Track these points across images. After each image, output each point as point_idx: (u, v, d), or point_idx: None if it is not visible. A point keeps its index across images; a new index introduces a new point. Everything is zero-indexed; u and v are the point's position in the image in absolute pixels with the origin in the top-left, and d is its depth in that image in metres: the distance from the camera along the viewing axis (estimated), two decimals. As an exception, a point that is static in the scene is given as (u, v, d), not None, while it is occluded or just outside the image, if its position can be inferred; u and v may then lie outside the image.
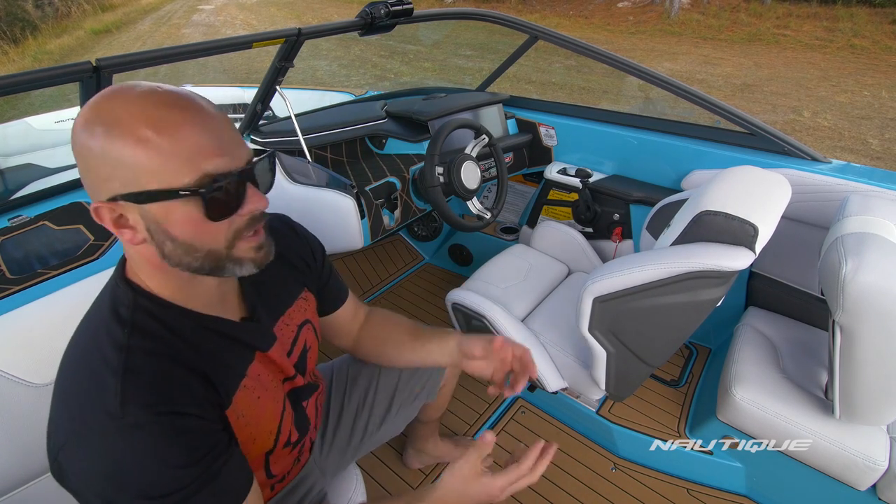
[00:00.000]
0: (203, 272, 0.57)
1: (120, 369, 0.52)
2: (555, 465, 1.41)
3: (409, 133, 1.71)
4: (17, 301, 0.86)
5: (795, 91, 6.25)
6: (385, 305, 2.09)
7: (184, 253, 0.54)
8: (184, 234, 0.53)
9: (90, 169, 0.51)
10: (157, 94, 0.51)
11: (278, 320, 0.75)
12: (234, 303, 0.68)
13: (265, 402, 0.68)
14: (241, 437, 0.64)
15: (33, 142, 2.60)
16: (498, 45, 8.95)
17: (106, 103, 0.51)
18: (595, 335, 1.09)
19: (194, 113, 0.52)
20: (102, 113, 0.50)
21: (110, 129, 0.49)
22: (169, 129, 0.50)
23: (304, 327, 0.80)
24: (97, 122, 0.50)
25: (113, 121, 0.49)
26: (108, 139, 0.49)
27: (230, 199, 0.54)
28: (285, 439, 0.73)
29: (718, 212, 0.94)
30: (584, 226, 1.82)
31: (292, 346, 0.77)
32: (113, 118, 0.50)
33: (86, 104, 0.51)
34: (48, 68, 0.89)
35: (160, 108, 0.50)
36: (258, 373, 0.67)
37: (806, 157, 1.40)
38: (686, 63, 7.78)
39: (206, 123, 0.52)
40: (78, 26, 13.10)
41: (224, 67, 8.40)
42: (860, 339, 0.90)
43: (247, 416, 0.64)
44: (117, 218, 0.53)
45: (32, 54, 10.10)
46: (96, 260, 0.97)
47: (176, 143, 0.50)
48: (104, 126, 0.49)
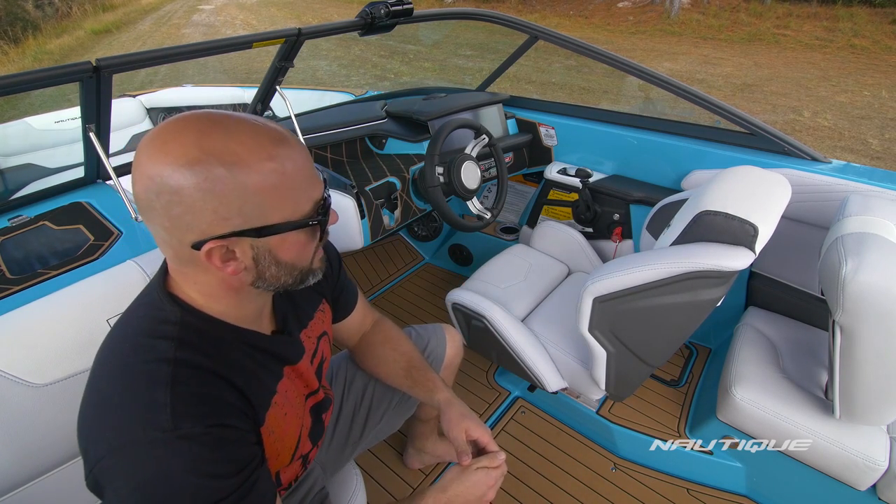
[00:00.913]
0: (288, 287, 0.61)
1: (169, 382, 0.52)
2: (555, 465, 1.41)
3: (409, 133, 1.71)
4: (17, 301, 0.86)
5: (795, 91, 6.25)
6: (385, 305, 2.09)
7: (286, 274, 0.58)
8: (291, 257, 0.57)
9: (197, 210, 0.50)
10: (263, 129, 0.53)
11: (302, 331, 0.76)
12: (267, 316, 0.70)
13: (291, 418, 0.69)
14: (269, 452, 0.64)
15: (33, 142, 2.60)
16: (498, 45, 8.95)
17: (214, 141, 0.50)
18: (595, 335, 1.09)
19: (294, 144, 0.55)
20: (215, 151, 0.49)
21: (233, 168, 0.50)
22: (286, 164, 0.52)
23: (321, 339, 0.82)
24: (212, 161, 0.49)
25: (234, 159, 0.50)
26: (231, 178, 0.49)
27: (329, 220, 0.59)
28: (301, 453, 0.74)
29: (718, 212, 0.94)
30: (584, 226, 1.82)
31: (313, 357, 0.78)
32: (232, 156, 0.50)
33: (175, 142, 0.49)
34: (48, 68, 0.89)
35: (274, 143, 0.52)
36: (286, 389, 0.68)
37: (806, 157, 1.40)
38: (686, 63, 7.78)
39: (303, 153, 0.55)
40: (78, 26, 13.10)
41: (224, 67, 8.40)
42: (860, 339, 0.90)
43: (276, 433, 0.65)
44: (225, 253, 0.53)
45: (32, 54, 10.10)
46: (96, 260, 0.97)
47: (294, 177, 0.53)
48: (225, 166, 0.49)
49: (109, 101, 1.06)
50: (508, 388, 1.65)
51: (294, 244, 0.56)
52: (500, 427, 1.52)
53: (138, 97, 3.00)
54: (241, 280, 0.57)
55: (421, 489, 0.73)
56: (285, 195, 0.53)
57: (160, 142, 0.50)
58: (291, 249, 0.57)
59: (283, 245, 0.55)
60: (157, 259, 0.95)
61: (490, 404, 1.60)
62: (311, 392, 0.76)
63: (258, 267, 0.56)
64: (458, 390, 1.63)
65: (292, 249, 0.57)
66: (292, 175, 0.53)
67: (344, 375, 1.05)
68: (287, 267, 0.58)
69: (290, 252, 0.57)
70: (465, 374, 1.70)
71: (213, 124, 0.51)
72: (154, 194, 0.50)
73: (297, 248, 0.57)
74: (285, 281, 0.59)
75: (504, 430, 1.51)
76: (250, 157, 0.50)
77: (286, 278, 0.59)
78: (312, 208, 0.56)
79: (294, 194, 0.54)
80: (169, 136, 0.50)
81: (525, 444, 1.47)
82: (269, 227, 0.53)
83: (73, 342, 0.85)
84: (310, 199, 0.56)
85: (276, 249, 0.55)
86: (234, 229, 0.52)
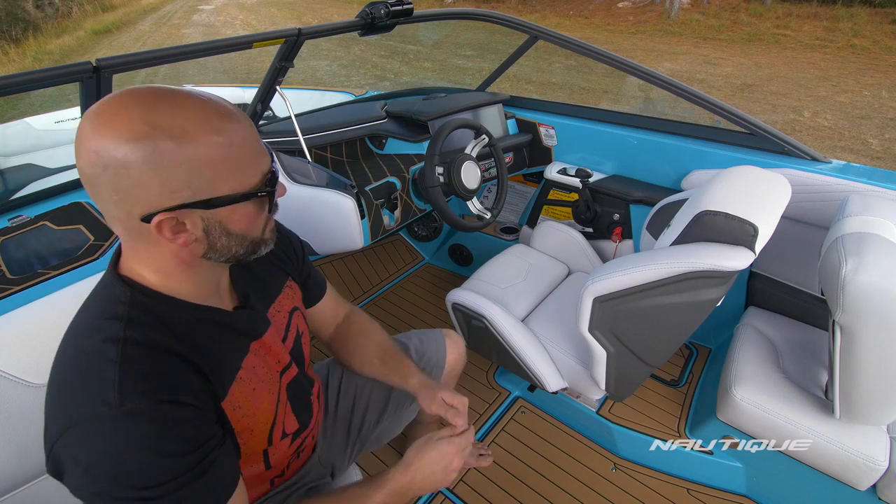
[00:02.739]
0: (240, 258, 0.62)
1: (117, 359, 0.53)
2: (555, 465, 1.41)
3: (409, 133, 1.71)
4: (17, 301, 0.86)
5: (795, 91, 6.25)
6: (385, 305, 2.09)
7: (237, 244, 0.59)
8: (241, 228, 0.58)
9: (144, 183, 0.50)
10: (209, 103, 0.54)
11: (270, 306, 0.76)
12: (227, 292, 0.70)
13: (261, 393, 0.69)
14: (239, 427, 0.64)
15: (33, 142, 2.60)
16: (498, 45, 8.95)
17: (160, 115, 0.50)
18: (595, 335, 1.09)
19: (240, 118, 0.56)
20: (162, 125, 0.50)
21: (181, 142, 0.50)
22: (233, 137, 0.54)
23: (294, 313, 0.82)
24: (159, 135, 0.49)
25: (181, 133, 0.50)
26: (179, 151, 0.50)
27: (277, 192, 0.61)
28: (281, 430, 0.74)
29: (718, 212, 0.93)
30: (584, 226, 1.82)
31: (286, 331, 0.78)
32: (179, 130, 0.50)
33: (121, 117, 0.49)
34: (48, 68, 0.89)
35: (220, 117, 0.53)
36: (253, 365, 0.68)
37: (806, 157, 1.40)
38: (686, 63, 7.78)
39: (249, 126, 0.57)
40: (78, 26, 13.10)
41: (224, 67, 8.40)
42: (860, 339, 0.90)
43: (244, 408, 0.65)
44: (175, 225, 0.54)
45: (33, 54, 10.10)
46: (96, 260, 0.97)
47: (241, 150, 0.55)
48: (172, 139, 0.50)
49: (109, 101, 1.06)
50: (508, 388, 1.65)
51: (244, 215, 0.58)
52: (500, 427, 1.52)
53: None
54: (193, 252, 0.57)
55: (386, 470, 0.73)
56: (233, 167, 0.54)
57: (106, 116, 0.50)
58: (241, 220, 0.58)
59: (232, 216, 0.57)
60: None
61: (490, 404, 1.60)
62: (283, 367, 0.76)
63: (209, 238, 0.56)
64: (458, 390, 1.64)
65: (242, 220, 0.58)
66: (239, 147, 0.54)
67: (339, 378, 1.05)
68: (237, 237, 0.59)
69: (239, 223, 0.58)
70: (465, 374, 1.70)
71: (158, 98, 0.51)
72: (100, 168, 0.50)
73: (247, 219, 0.58)
74: (237, 251, 0.60)
75: (504, 430, 1.51)
76: (197, 131, 0.51)
77: (237, 248, 0.60)
78: (261, 180, 0.57)
79: (242, 166, 0.55)
80: (115, 110, 0.50)
81: (525, 444, 1.47)
82: (217, 198, 0.54)
83: (73, 342, 0.85)
84: (258, 171, 0.57)
85: (226, 221, 0.56)
86: (183, 201, 0.52)
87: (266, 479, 0.77)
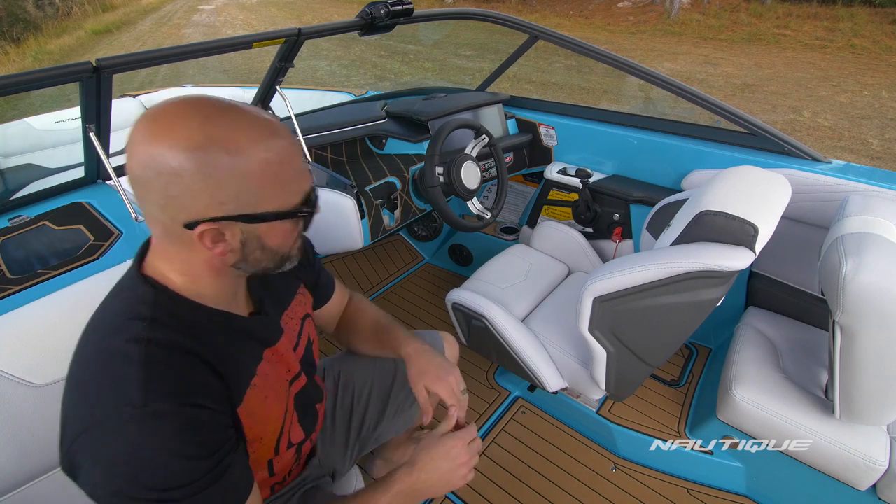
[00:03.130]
0: (268, 271, 0.63)
1: (142, 360, 0.53)
2: (555, 465, 1.41)
3: (409, 133, 1.71)
4: (17, 301, 0.86)
5: (796, 91, 6.25)
6: (385, 305, 2.09)
7: (268, 259, 0.61)
8: (276, 244, 0.60)
9: (195, 193, 0.51)
10: (263, 121, 0.55)
11: (283, 313, 0.76)
12: (243, 298, 0.70)
13: (272, 402, 0.69)
14: (251, 436, 0.64)
15: (33, 142, 2.59)
16: (498, 45, 8.95)
17: (217, 128, 0.51)
18: (595, 335, 1.09)
19: (289, 137, 0.57)
20: (218, 138, 0.51)
21: (235, 156, 0.51)
22: (283, 156, 0.55)
23: (305, 321, 0.82)
24: (215, 147, 0.50)
25: (235, 147, 0.51)
26: (232, 165, 0.51)
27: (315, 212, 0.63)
28: (287, 441, 0.74)
29: (719, 212, 0.93)
30: (584, 226, 1.82)
31: (298, 339, 0.78)
32: (234, 144, 0.51)
33: (180, 125, 0.50)
34: (48, 68, 0.89)
35: (271, 134, 0.54)
36: (266, 372, 0.68)
37: (806, 157, 1.40)
38: (686, 63, 7.78)
39: (297, 146, 0.59)
40: (78, 26, 13.10)
41: (224, 67, 8.40)
42: (860, 339, 0.90)
43: (256, 416, 0.65)
44: (216, 235, 0.55)
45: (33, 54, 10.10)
46: (96, 260, 0.97)
47: (288, 169, 0.56)
48: (227, 152, 0.51)
49: (109, 101, 1.06)
50: (508, 388, 1.65)
51: (280, 232, 0.59)
52: (500, 427, 1.52)
53: (138, 97, 3.00)
54: (225, 261, 0.58)
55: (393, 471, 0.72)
56: (279, 185, 0.56)
57: (165, 122, 0.51)
58: (277, 237, 0.59)
59: (270, 232, 0.58)
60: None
61: (490, 404, 1.60)
62: (293, 377, 0.76)
63: (244, 250, 0.58)
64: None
65: (278, 237, 0.59)
66: (287, 166, 0.56)
67: (335, 379, 1.05)
68: (270, 252, 0.60)
69: (275, 239, 0.59)
70: (465, 374, 1.70)
71: (217, 111, 0.52)
72: (153, 172, 0.50)
73: (283, 236, 0.60)
74: (266, 265, 0.62)
75: (504, 430, 1.51)
76: (250, 146, 0.52)
77: (267, 262, 0.61)
78: (301, 200, 0.59)
79: (287, 185, 0.56)
80: (174, 117, 0.51)
81: (525, 444, 1.47)
82: (260, 214, 0.55)
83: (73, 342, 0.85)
84: (300, 191, 0.58)
85: (264, 236, 0.58)
86: (228, 214, 0.53)
87: (268, 485, 0.77)
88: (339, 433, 1.01)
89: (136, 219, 1.10)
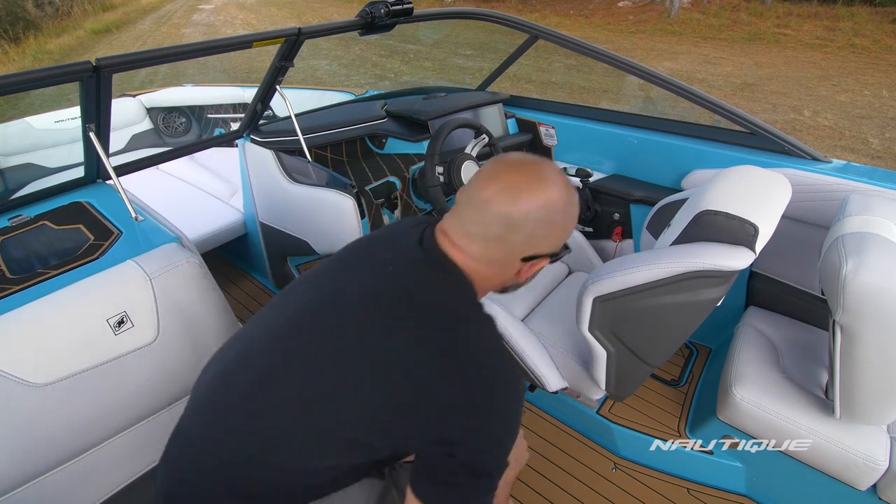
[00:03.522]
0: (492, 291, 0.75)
1: (505, 351, 0.66)
2: (555, 465, 1.41)
3: (409, 133, 1.71)
4: (17, 301, 0.86)
5: (796, 90, 6.25)
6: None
7: (514, 287, 0.74)
8: (527, 276, 0.71)
9: (555, 234, 0.66)
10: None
11: None
12: None
13: None
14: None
15: (33, 141, 2.59)
16: (498, 44, 8.94)
17: (568, 185, 0.66)
18: (595, 335, 1.09)
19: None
20: (572, 197, 0.67)
21: (568, 210, 0.66)
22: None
23: None
24: (571, 204, 0.66)
25: (574, 203, 0.68)
26: (565, 218, 0.66)
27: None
28: None
29: (719, 211, 0.93)
30: (584, 225, 1.82)
31: None
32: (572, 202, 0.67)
33: (555, 177, 0.64)
34: (48, 68, 0.89)
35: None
36: None
37: (806, 157, 1.40)
38: (686, 62, 7.78)
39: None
40: (78, 26, 13.09)
41: (224, 67, 8.40)
42: (861, 338, 0.90)
43: None
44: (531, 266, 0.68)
45: (33, 54, 10.09)
46: (96, 260, 0.97)
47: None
48: (568, 207, 0.66)
49: (109, 100, 1.06)
50: (508, 388, 1.65)
51: (536, 269, 0.69)
52: (501, 427, 1.52)
53: (138, 97, 3.00)
54: (503, 283, 0.71)
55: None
56: (567, 233, 0.69)
57: (547, 173, 0.64)
58: (532, 272, 0.69)
59: (533, 268, 0.69)
60: (156, 259, 0.95)
61: (490, 404, 1.60)
62: None
63: (516, 278, 0.69)
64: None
65: (532, 272, 0.69)
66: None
67: None
68: (521, 283, 0.72)
69: (529, 273, 0.69)
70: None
71: (556, 170, 0.66)
72: (533, 220, 0.62)
73: (533, 272, 0.70)
74: (504, 290, 0.74)
75: (504, 430, 1.51)
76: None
77: (509, 289, 0.74)
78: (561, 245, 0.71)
79: (567, 232, 0.70)
80: (545, 171, 0.64)
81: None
82: (553, 254, 0.69)
83: (73, 342, 0.85)
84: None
85: (531, 269, 0.68)
86: (552, 251, 0.68)
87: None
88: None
89: (136, 218, 1.10)
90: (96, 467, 0.93)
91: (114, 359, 0.89)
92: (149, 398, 0.96)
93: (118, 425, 0.94)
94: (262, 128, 1.63)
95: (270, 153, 1.55)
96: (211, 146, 1.64)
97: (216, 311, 1.02)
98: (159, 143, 3.06)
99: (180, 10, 15.80)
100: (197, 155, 2.41)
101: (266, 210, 1.74)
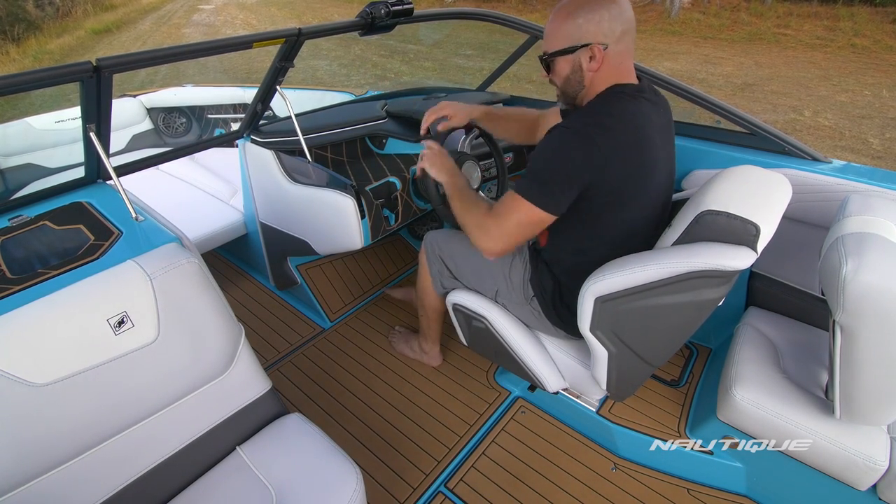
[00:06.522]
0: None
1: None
2: (555, 465, 1.41)
3: (409, 133, 1.71)
4: (17, 301, 0.86)
5: (796, 90, 6.25)
6: (385, 306, 2.09)
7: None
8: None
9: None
10: None
11: None
12: None
13: None
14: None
15: (33, 142, 2.59)
16: (498, 44, 8.94)
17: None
18: (596, 335, 1.09)
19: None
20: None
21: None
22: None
23: None
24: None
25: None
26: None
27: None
28: None
29: (720, 211, 0.93)
30: (584, 225, 1.82)
31: None
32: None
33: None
34: (48, 68, 0.89)
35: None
36: None
37: (806, 157, 1.40)
38: (686, 62, 7.78)
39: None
40: (78, 26, 13.10)
41: (224, 67, 8.41)
42: (861, 339, 0.90)
43: None
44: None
45: (33, 54, 10.10)
46: (96, 260, 0.97)
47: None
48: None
49: (110, 100, 1.06)
50: (508, 388, 1.65)
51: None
52: (501, 427, 1.52)
53: (138, 97, 3.00)
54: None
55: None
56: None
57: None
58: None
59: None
60: (157, 259, 0.95)
61: (490, 404, 1.60)
62: None
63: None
64: (458, 390, 1.64)
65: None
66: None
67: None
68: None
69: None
70: (465, 374, 1.70)
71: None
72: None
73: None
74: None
75: (504, 430, 1.51)
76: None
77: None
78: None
79: None
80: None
81: (525, 444, 1.47)
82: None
83: (73, 342, 0.85)
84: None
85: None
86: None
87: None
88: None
89: (136, 218, 1.10)
90: (97, 467, 0.93)
91: (114, 359, 0.89)
92: (149, 398, 0.96)
93: (119, 425, 0.94)
94: (263, 128, 1.63)
95: (270, 153, 1.55)
96: (211, 146, 1.64)
97: (216, 311, 1.02)
98: (159, 143, 3.07)
99: (180, 11, 15.81)
100: (197, 155, 2.41)
101: (266, 210, 1.74)
